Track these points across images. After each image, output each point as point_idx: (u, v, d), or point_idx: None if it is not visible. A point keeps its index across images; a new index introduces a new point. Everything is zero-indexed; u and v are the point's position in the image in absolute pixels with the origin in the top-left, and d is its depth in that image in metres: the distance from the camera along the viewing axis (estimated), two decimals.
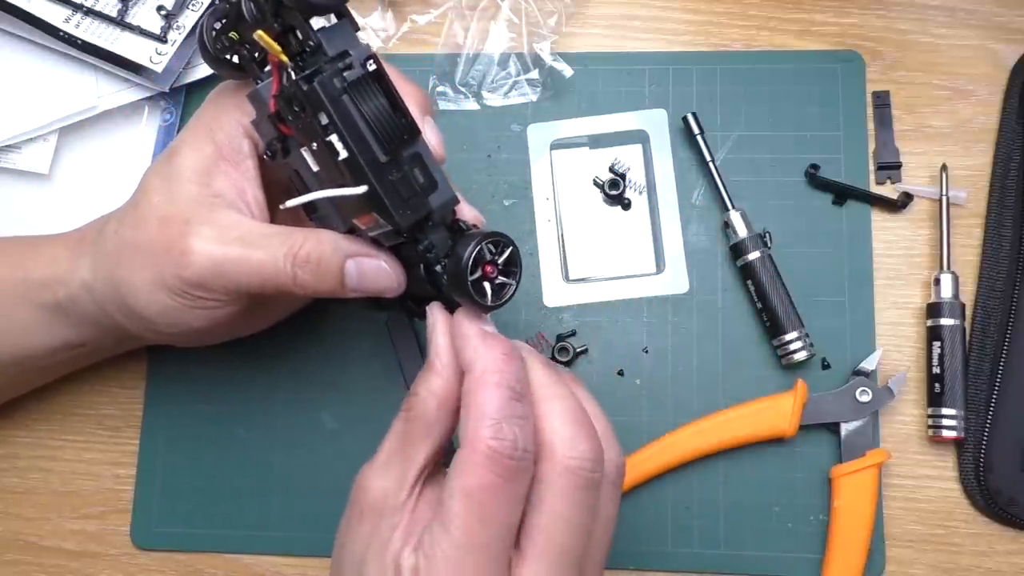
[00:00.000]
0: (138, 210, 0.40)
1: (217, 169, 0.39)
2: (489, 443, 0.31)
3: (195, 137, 0.40)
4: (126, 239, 0.40)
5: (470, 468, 0.31)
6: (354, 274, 0.38)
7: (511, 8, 0.53)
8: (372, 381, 0.50)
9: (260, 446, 0.50)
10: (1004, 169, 0.51)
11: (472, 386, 0.32)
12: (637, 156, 0.52)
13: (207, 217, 0.38)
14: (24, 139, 0.52)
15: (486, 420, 0.31)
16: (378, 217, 0.34)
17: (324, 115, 0.33)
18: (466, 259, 0.34)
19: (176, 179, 0.39)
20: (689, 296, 0.50)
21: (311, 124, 0.33)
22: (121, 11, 0.53)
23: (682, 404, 0.49)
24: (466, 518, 0.30)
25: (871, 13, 0.54)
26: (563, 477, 0.32)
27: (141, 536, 0.50)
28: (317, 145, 0.34)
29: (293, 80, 0.33)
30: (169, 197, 0.39)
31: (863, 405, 0.47)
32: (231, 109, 0.40)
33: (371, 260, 0.38)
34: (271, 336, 0.51)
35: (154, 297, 0.39)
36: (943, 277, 0.48)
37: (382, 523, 0.33)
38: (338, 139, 0.33)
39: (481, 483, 0.30)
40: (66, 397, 0.52)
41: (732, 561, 0.47)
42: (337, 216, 0.38)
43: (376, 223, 0.35)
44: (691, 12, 0.54)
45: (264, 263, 0.37)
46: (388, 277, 0.38)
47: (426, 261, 0.36)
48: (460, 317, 0.35)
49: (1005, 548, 0.47)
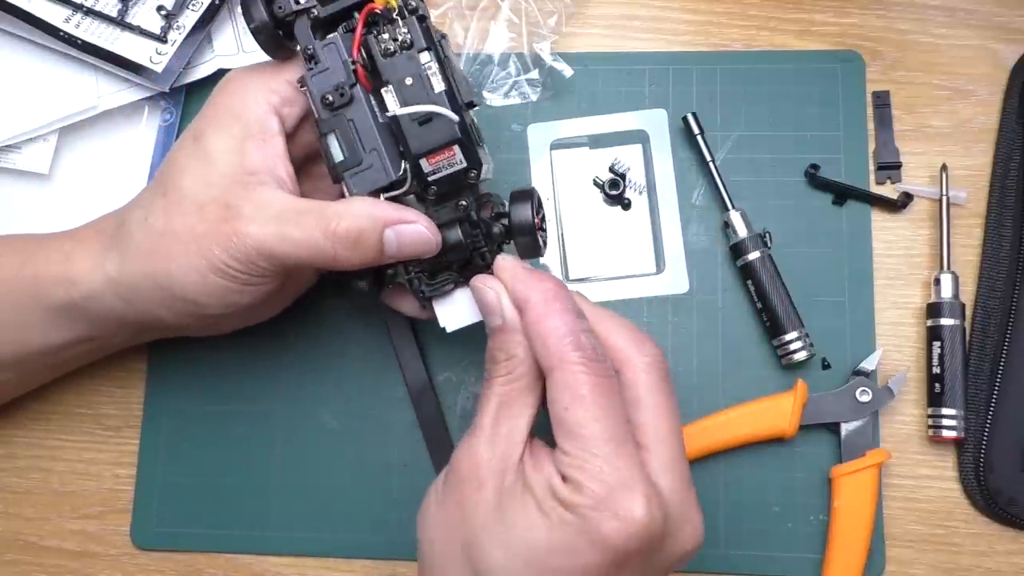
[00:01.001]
0: (169, 197, 0.40)
1: (247, 147, 0.39)
2: (575, 354, 0.34)
3: (219, 119, 0.40)
4: (160, 229, 0.39)
5: (572, 380, 0.34)
6: (394, 242, 0.38)
7: (511, 8, 0.53)
8: (372, 381, 0.50)
9: (260, 446, 0.50)
10: (1004, 169, 0.51)
11: (539, 315, 0.35)
12: (637, 156, 0.52)
13: (247, 198, 0.38)
14: (24, 139, 0.52)
15: (566, 338, 0.34)
16: (456, 151, 0.38)
17: (429, 52, 0.37)
18: (533, 213, 0.39)
19: (208, 162, 0.39)
20: (689, 296, 0.50)
21: (403, 62, 0.38)
22: (121, 11, 0.53)
23: (682, 404, 0.48)
24: (595, 416, 0.33)
25: (871, 13, 0.54)
26: (647, 374, 0.36)
27: (141, 536, 0.50)
28: (411, 80, 0.37)
29: (406, 20, 0.38)
30: (204, 181, 0.39)
31: (863, 405, 0.47)
32: (256, 88, 0.40)
33: (409, 226, 0.38)
34: (271, 336, 0.51)
35: (206, 281, 0.39)
36: (943, 277, 0.48)
37: (506, 480, 0.34)
38: (440, 73, 0.37)
39: (590, 386, 0.34)
40: (66, 397, 0.52)
41: (732, 561, 0.47)
42: (393, 163, 0.39)
43: (447, 162, 0.38)
44: (691, 12, 0.54)
45: (303, 242, 0.38)
46: (427, 240, 0.39)
47: (469, 219, 0.40)
48: (501, 261, 0.38)
49: (1005, 548, 0.47)
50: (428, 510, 0.37)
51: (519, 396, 0.36)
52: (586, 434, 0.33)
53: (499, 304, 0.37)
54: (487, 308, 0.37)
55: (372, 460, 0.49)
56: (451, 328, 0.42)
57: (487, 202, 0.41)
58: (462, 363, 0.50)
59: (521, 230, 0.39)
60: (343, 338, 0.51)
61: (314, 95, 0.39)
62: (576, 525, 0.32)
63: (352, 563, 0.49)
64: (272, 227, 0.38)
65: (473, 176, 0.39)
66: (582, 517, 0.32)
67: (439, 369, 0.50)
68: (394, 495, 0.49)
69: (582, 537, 0.32)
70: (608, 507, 0.32)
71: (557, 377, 0.34)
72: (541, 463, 0.34)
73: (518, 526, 0.33)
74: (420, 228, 0.38)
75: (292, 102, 0.41)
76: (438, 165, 0.38)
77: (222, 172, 0.39)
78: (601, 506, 0.32)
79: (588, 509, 0.32)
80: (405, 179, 0.39)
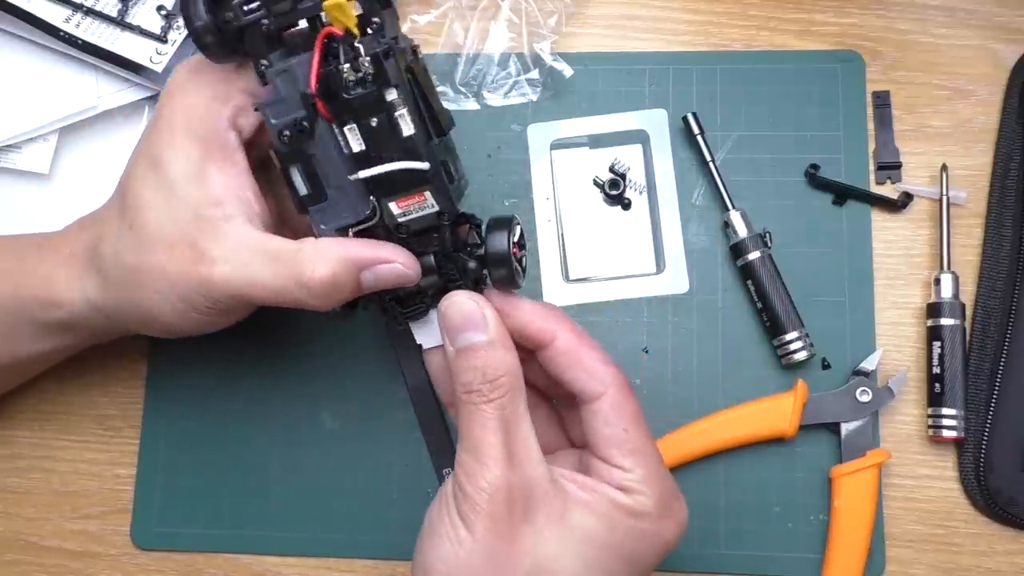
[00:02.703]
0: (136, 232, 0.38)
1: (209, 171, 0.37)
2: (623, 379, 0.37)
3: (175, 139, 0.38)
4: (131, 265, 0.39)
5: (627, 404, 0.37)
6: (371, 279, 0.37)
7: (511, 8, 0.53)
8: (372, 381, 0.50)
9: (260, 446, 0.50)
10: (1004, 169, 0.51)
11: (575, 344, 0.37)
12: (637, 156, 0.52)
13: (213, 237, 0.37)
14: (24, 139, 0.52)
15: (610, 364, 0.37)
16: (427, 196, 0.36)
17: (395, 90, 0.34)
18: (509, 243, 0.37)
19: (170, 193, 0.37)
20: (689, 296, 0.50)
21: (367, 102, 0.34)
22: (121, 11, 0.53)
23: (682, 404, 0.49)
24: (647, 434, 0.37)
25: (871, 13, 0.54)
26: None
27: (141, 536, 0.50)
28: (377, 122, 0.35)
29: (366, 54, 0.33)
30: (169, 217, 0.37)
31: (863, 405, 0.47)
32: (206, 99, 0.38)
33: (386, 266, 0.37)
34: (271, 336, 0.51)
35: (183, 315, 0.39)
36: (943, 277, 0.48)
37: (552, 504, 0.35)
38: (408, 115, 0.34)
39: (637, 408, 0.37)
40: (66, 397, 0.52)
41: (732, 561, 0.47)
42: (360, 201, 0.37)
43: (418, 205, 0.36)
44: (691, 12, 0.54)
45: (276, 288, 0.37)
46: (406, 275, 0.37)
47: (443, 251, 0.38)
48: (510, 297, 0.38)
49: (1005, 548, 0.47)
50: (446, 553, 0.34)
51: (525, 412, 0.35)
52: (646, 451, 0.36)
53: (483, 318, 0.35)
54: (467, 323, 0.35)
55: (372, 460, 0.49)
56: (428, 345, 0.41)
57: (464, 223, 0.39)
58: None
59: (496, 261, 0.37)
60: (343, 338, 0.51)
61: (271, 125, 0.36)
62: (647, 531, 0.35)
63: (352, 563, 0.49)
64: (242, 273, 0.37)
65: (446, 219, 0.37)
66: (654, 523, 0.35)
67: None
68: (394, 495, 0.49)
69: (650, 540, 0.36)
70: (669, 513, 0.36)
71: (609, 401, 0.36)
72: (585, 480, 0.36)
73: (588, 542, 0.34)
74: (396, 267, 0.37)
75: (246, 110, 0.39)
76: (408, 208, 0.36)
77: (187, 204, 0.37)
78: (666, 512, 0.36)
79: (656, 517, 0.35)
80: (374, 215, 0.37)
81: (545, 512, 0.34)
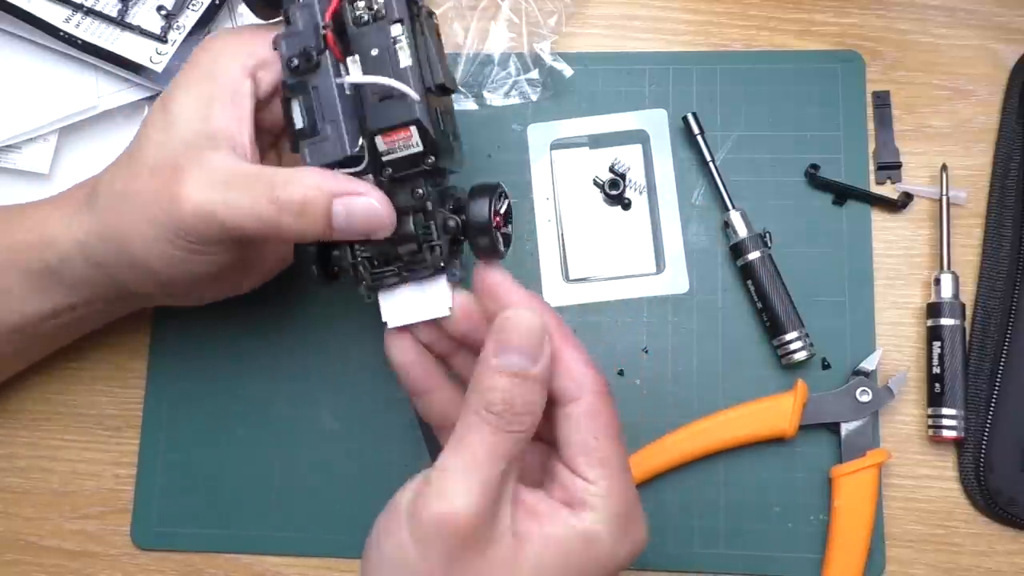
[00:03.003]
0: (132, 160, 0.39)
1: (213, 109, 0.38)
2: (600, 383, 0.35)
3: (191, 80, 0.39)
4: (120, 191, 0.39)
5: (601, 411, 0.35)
6: (342, 214, 0.36)
7: (511, 8, 0.53)
8: (372, 381, 0.50)
9: (260, 446, 0.50)
10: (1004, 169, 0.51)
11: (558, 341, 0.35)
12: (637, 156, 0.52)
13: (196, 161, 0.37)
14: (24, 139, 0.52)
15: (590, 367, 0.35)
16: (413, 133, 0.36)
17: (399, 25, 0.36)
18: (490, 210, 0.36)
19: (170, 125, 0.38)
20: (689, 296, 0.50)
21: (372, 34, 0.36)
22: (121, 11, 0.53)
23: (682, 404, 0.49)
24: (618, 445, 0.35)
25: (871, 13, 0.54)
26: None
27: (141, 536, 0.50)
28: (377, 51, 0.36)
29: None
30: (163, 145, 0.38)
31: (863, 405, 0.47)
32: (233, 51, 0.39)
33: (360, 199, 0.36)
34: (272, 336, 0.51)
35: (155, 247, 0.38)
36: (943, 277, 0.48)
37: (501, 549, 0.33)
38: (407, 49, 0.36)
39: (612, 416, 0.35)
40: (66, 397, 0.52)
41: (732, 561, 0.47)
42: (349, 134, 0.37)
43: (403, 143, 0.36)
44: (691, 12, 0.54)
45: (247, 208, 0.36)
46: (378, 214, 0.36)
47: (424, 209, 0.37)
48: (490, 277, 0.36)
49: (1005, 548, 0.47)
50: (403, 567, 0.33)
51: (521, 457, 0.34)
52: (613, 464, 0.34)
53: (541, 348, 0.34)
54: (526, 344, 0.33)
55: (372, 460, 0.49)
56: (392, 324, 0.39)
57: (449, 195, 0.39)
58: None
59: (477, 229, 0.36)
60: (343, 339, 0.51)
61: (283, 57, 0.38)
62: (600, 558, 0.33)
63: (352, 563, 0.49)
64: (216, 193, 0.37)
65: (430, 163, 0.36)
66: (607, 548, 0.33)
67: None
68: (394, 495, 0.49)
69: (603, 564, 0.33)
70: (625, 534, 0.34)
71: (584, 406, 0.34)
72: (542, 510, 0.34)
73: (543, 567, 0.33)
74: (371, 202, 0.36)
75: (269, 66, 0.40)
76: (394, 145, 0.36)
77: (181, 136, 0.38)
78: (621, 534, 0.34)
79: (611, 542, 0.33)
80: (363, 157, 0.37)
81: (501, 556, 0.32)
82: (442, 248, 0.37)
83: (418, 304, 0.38)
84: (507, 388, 0.33)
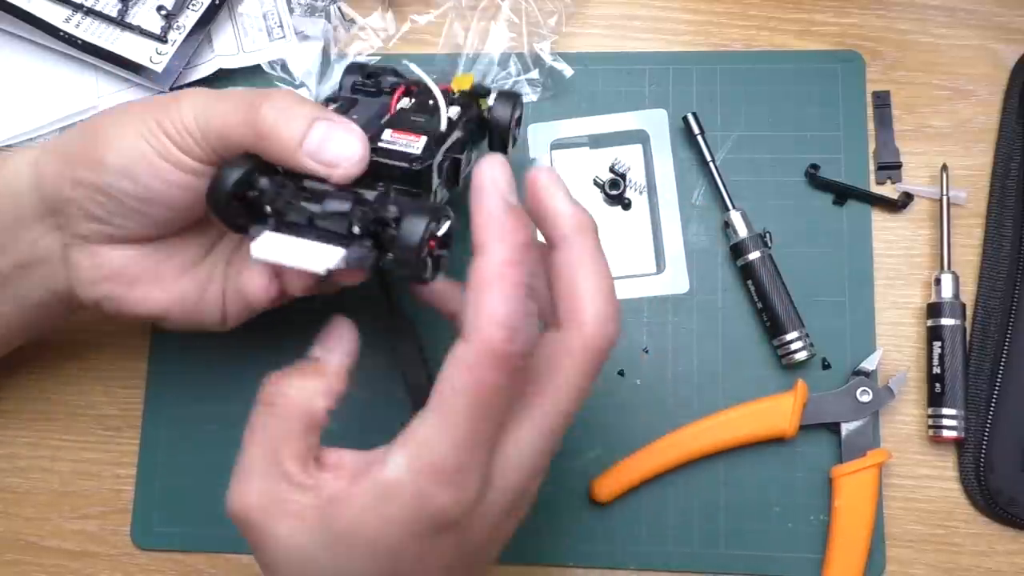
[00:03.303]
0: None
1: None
2: (501, 346, 0.29)
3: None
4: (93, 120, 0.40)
5: (477, 367, 0.30)
6: (318, 134, 0.36)
7: (511, 8, 0.53)
8: (372, 381, 0.50)
9: None
10: (1004, 169, 0.51)
11: (487, 278, 0.30)
12: (637, 156, 0.52)
13: (188, 93, 0.39)
14: (24, 139, 0.52)
15: (499, 321, 0.29)
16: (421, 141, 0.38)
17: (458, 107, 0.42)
18: (422, 236, 0.34)
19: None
20: (689, 296, 0.50)
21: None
22: (121, 11, 0.53)
23: (682, 404, 0.49)
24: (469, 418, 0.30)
25: (871, 13, 0.54)
26: (588, 352, 0.33)
27: (141, 536, 0.50)
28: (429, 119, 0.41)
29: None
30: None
31: (863, 405, 0.47)
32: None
33: (339, 123, 0.36)
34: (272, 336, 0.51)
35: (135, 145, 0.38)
36: (943, 277, 0.48)
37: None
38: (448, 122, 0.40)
39: (489, 383, 0.30)
40: (66, 397, 0.52)
41: (732, 561, 0.47)
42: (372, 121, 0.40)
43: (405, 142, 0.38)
44: (691, 12, 0.54)
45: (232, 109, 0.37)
46: (353, 143, 0.36)
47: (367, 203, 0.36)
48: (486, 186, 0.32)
49: (1005, 548, 0.47)
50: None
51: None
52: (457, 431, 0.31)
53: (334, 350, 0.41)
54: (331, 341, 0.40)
55: None
56: (257, 255, 0.36)
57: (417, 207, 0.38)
58: None
59: (404, 249, 0.34)
60: None
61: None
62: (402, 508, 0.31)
63: None
64: (207, 104, 0.37)
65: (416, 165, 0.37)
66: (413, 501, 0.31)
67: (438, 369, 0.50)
68: None
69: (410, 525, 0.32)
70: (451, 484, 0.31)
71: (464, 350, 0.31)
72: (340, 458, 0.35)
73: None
74: (351, 126, 0.36)
75: None
76: (396, 141, 0.38)
77: None
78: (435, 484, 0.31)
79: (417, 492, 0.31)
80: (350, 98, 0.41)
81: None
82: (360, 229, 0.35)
83: (298, 252, 0.36)
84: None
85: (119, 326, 0.52)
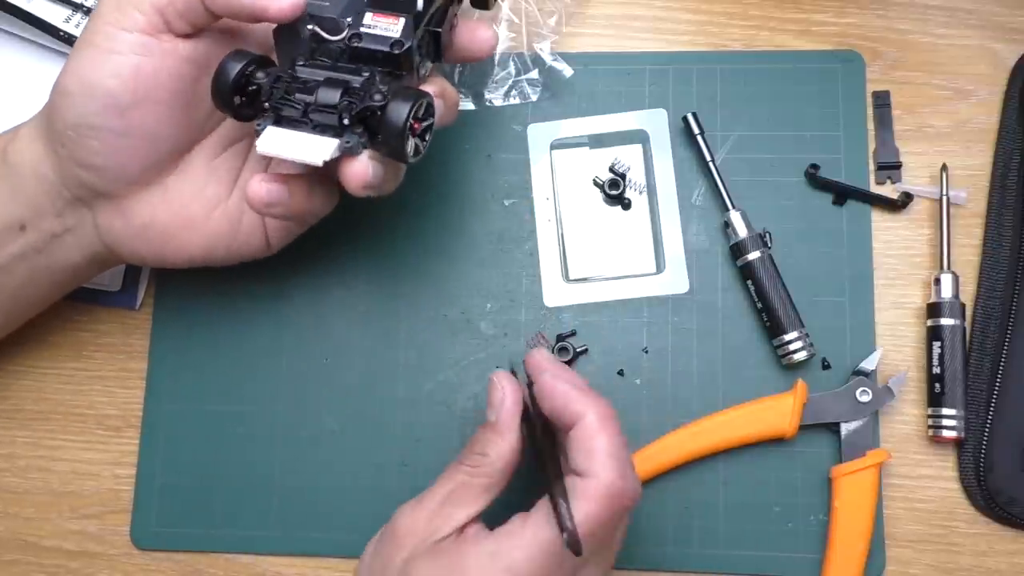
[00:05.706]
0: None
1: None
2: (617, 482, 0.35)
3: None
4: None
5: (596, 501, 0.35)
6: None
7: (511, 8, 0.53)
8: (372, 381, 0.50)
9: (260, 446, 0.50)
10: (1004, 169, 0.51)
11: (594, 429, 0.37)
12: (637, 156, 0.52)
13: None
14: None
15: (614, 460, 0.36)
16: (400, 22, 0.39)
17: None
18: (406, 119, 0.37)
19: None
20: (689, 296, 0.50)
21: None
22: None
23: (682, 404, 0.49)
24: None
25: (871, 13, 0.54)
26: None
27: (141, 536, 0.50)
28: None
29: None
30: None
31: (863, 405, 0.47)
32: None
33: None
34: (271, 336, 0.51)
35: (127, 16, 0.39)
36: (943, 277, 0.48)
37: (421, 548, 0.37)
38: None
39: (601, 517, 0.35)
40: (66, 397, 0.52)
41: (732, 561, 0.47)
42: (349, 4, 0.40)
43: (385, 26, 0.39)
44: (691, 12, 0.54)
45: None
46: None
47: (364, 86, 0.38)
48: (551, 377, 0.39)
49: (1005, 548, 0.47)
50: (363, 561, 0.40)
51: (474, 491, 0.38)
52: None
53: (500, 405, 0.40)
54: (490, 401, 0.40)
55: (372, 460, 0.49)
56: (262, 150, 0.38)
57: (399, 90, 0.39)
58: (461, 363, 0.50)
59: (390, 131, 0.37)
60: (343, 339, 0.51)
61: None
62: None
63: (352, 563, 0.48)
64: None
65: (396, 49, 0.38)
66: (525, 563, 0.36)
67: (437, 369, 0.50)
68: (394, 495, 0.49)
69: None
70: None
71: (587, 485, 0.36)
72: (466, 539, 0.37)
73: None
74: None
75: None
76: (376, 24, 0.39)
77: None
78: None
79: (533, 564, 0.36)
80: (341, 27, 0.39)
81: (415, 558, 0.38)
82: (351, 113, 0.37)
83: (297, 145, 0.38)
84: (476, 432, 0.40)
85: (119, 326, 0.52)
